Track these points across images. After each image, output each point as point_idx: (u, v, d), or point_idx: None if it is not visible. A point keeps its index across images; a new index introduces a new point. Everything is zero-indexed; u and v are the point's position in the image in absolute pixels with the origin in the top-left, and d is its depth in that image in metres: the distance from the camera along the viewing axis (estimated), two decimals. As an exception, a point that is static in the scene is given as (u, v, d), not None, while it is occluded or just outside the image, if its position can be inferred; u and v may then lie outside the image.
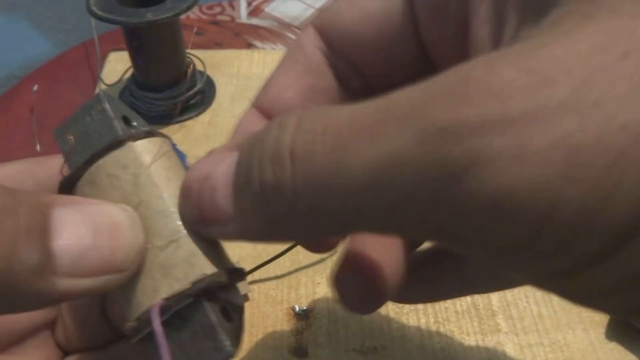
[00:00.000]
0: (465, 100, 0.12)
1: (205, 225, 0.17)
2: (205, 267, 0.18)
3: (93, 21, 0.50)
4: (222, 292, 0.19)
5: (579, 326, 0.36)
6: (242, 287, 0.37)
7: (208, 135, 0.48)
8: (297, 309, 0.36)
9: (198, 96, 0.51)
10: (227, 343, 0.18)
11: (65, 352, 0.23)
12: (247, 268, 0.34)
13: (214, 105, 0.51)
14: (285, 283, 0.37)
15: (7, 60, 0.69)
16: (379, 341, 0.35)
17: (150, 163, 0.19)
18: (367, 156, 0.12)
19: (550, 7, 0.13)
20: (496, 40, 0.15)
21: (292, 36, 0.63)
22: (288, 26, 0.65)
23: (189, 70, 0.50)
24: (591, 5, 0.12)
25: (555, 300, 0.38)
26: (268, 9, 0.68)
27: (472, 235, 0.12)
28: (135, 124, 0.20)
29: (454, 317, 0.36)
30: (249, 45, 0.61)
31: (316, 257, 0.39)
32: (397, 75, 0.21)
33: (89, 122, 0.19)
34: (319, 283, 0.38)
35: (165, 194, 0.18)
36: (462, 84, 0.12)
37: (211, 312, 0.18)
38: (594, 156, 0.11)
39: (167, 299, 0.17)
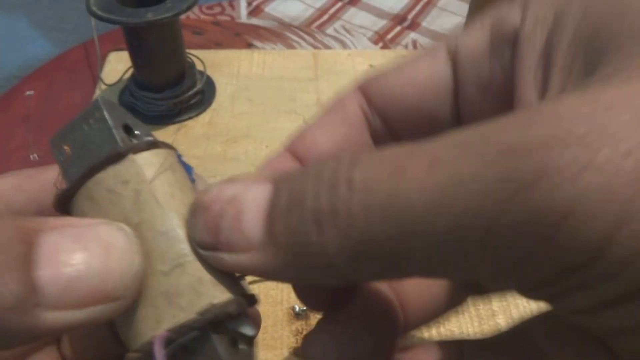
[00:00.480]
0: (531, 124, 0.12)
1: (217, 250, 0.16)
2: (214, 296, 0.16)
3: (93, 21, 0.50)
4: (232, 322, 0.17)
5: (579, 326, 0.36)
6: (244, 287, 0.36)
7: (208, 135, 0.48)
8: (297, 309, 0.36)
9: (198, 96, 0.51)
10: None
11: None
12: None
13: (214, 105, 0.51)
14: (285, 283, 0.37)
15: (7, 60, 0.69)
16: (379, 341, 0.35)
17: (152, 177, 0.17)
18: (427, 180, 0.12)
19: (598, 65, 0.13)
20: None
21: (292, 36, 0.63)
22: (288, 26, 0.65)
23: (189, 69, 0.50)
24: None
25: (556, 300, 0.38)
26: (268, 9, 0.68)
27: (530, 253, 0.12)
28: (137, 132, 0.18)
29: (454, 317, 0.36)
30: (249, 45, 0.61)
31: (316, 257, 0.39)
32: (428, 135, 0.21)
33: (86, 132, 0.18)
34: (319, 283, 0.38)
35: (170, 212, 0.17)
36: (526, 113, 0.12)
37: (219, 345, 0.17)
38: None
39: (171, 331, 0.16)
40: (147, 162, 0.17)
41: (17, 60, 0.68)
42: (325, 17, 0.68)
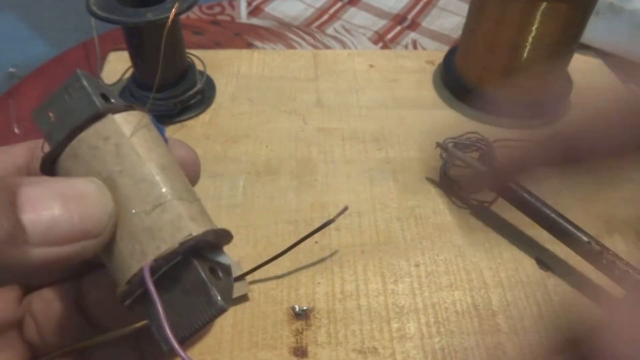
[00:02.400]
0: None
1: None
2: (192, 228, 0.19)
3: (93, 21, 0.50)
4: (210, 254, 0.20)
5: (579, 326, 0.36)
6: (242, 287, 0.37)
7: (208, 135, 0.48)
8: (297, 309, 0.36)
9: (198, 96, 0.51)
10: (218, 297, 0.18)
11: (36, 352, 0.23)
12: (247, 268, 0.34)
13: (214, 105, 0.51)
14: (285, 283, 0.37)
15: (7, 60, 0.69)
16: (379, 341, 0.35)
17: (131, 134, 0.19)
18: None
19: None
20: None
21: (292, 36, 0.63)
22: (288, 26, 0.65)
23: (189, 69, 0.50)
24: None
25: (556, 300, 0.38)
26: (268, 8, 0.68)
27: None
28: (113, 101, 0.20)
29: (454, 317, 0.36)
30: (249, 45, 0.61)
31: (316, 257, 0.39)
32: None
33: (67, 100, 0.20)
34: (319, 283, 0.38)
35: (148, 162, 0.19)
36: None
37: (201, 269, 0.19)
38: None
39: (156, 259, 0.18)
40: (124, 120, 0.20)
41: (17, 60, 0.68)
42: (325, 17, 0.68)
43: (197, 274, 0.19)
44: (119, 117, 0.19)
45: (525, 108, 0.52)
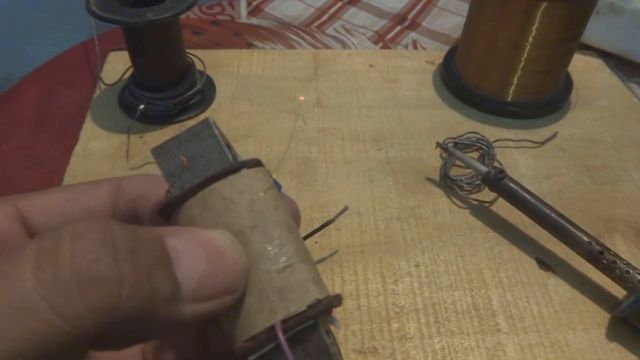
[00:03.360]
0: None
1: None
2: (319, 292, 0.19)
3: (93, 21, 0.50)
4: (327, 317, 0.20)
5: (579, 326, 0.36)
6: None
7: (208, 135, 0.48)
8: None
9: (198, 96, 0.51)
10: (339, 358, 0.19)
11: None
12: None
13: (214, 105, 0.51)
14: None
15: (7, 60, 0.69)
16: (379, 341, 0.35)
17: (264, 190, 0.20)
18: None
19: None
20: None
21: (292, 36, 0.63)
22: (288, 26, 0.65)
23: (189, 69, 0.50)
24: None
25: (556, 300, 0.38)
26: (268, 8, 0.68)
27: None
28: (233, 151, 0.21)
29: (454, 317, 0.36)
30: (249, 45, 0.61)
31: (316, 257, 0.39)
32: None
33: (196, 147, 0.20)
34: (319, 283, 0.38)
35: (279, 221, 0.19)
36: None
37: (325, 334, 0.19)
38: None
39: (284, 320, 0.18)
40: (257, 176, 0.20)
41: (17, 60, 0.68)
42: (325, 17, 0.68)
43: (321, 339, 0.19)
44: (251, 173, 0.20)
45: (525, 108, 0.52)
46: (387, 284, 0.38)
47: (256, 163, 0.20)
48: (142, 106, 0.47)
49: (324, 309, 0.19)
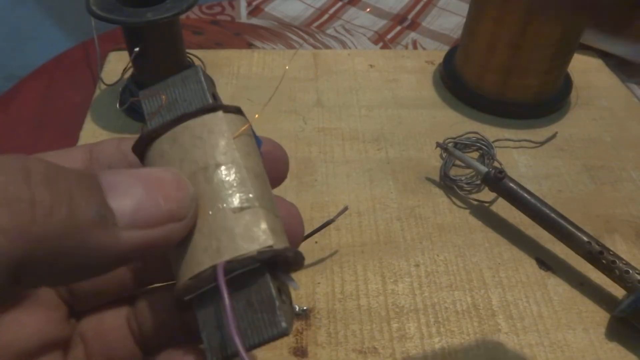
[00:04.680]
0: None
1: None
2: (273, 241, 0.18)
3: (93, 21, 0.50)
4: (281, 272, 0.19)
5: (579, 326, 0.36)
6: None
7: (208, 135, 0.48)
8: (297, 309, 0.36)
9: (198, 96, 0.51)
10: (283, 319, 0.17)
11: None
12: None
13: (214, 105, 0.51)
14: (285, 283, 0.37)
15: (7, 60, 0.69)
16: (379, 341, 0.35)
17: (236, 135, 0.19)
18: None
19: None
20: None
21: (292, 36, 0.63)
22: (288, 26, 0.65)
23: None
24: None
25: (556, 300, 0.38)
26: (268, 8, 0.68)
27: None
28: (219, 101, 0.21)
29: (454, 317, 0.36)
30: (249, 45, 0.61)
31: (316, 257, 0.39)
32: None
33: (181, 90, 0.20)
34: (318, 283, 0.38)
35: (245, 165, 0.19)
36: None
37: (272, 285, 0.18)
38: None
39: (231, 261, 0.17)
40: (231, 121, 0.20)
41: (17, 60, 0.68)
42: (325, 17, 0.68)
43: (268, 288, 0.18)
44: (227, 117, 0.20)
45: (525, 108, 0.52)
46: (387, 284, 0.38)
47: (236, 110, 0.20)
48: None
49: (276, 259, 0.18)
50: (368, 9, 0.63)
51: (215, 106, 0.20)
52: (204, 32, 0.63)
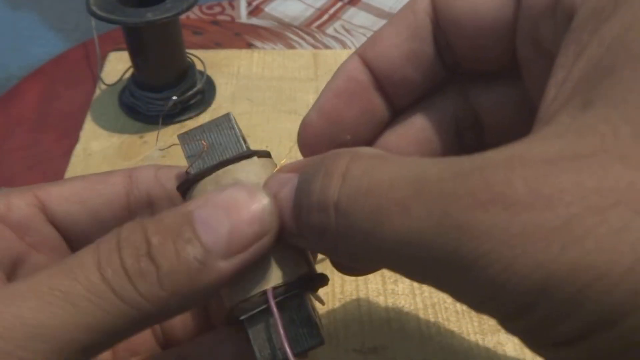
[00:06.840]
0: (481, 208, 0.14)
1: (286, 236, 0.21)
2: (309, 267, 0.22)
3: (93, 21, 0.50)
4: (310, 291, 0.23)
5: (579, 326, 0.36)
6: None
7: (208, 135, 0.48)
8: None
9: (198, 96, 0.51)
10: (320, 331, 0.22)
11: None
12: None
13: (214, 105, 0.51)
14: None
15: (7, 60, 0.69)
16: (379, 341, 0.35)
17: (269, 176, 0.22)
18: (398, 227, 0.15)
19: (589, 106, 0.14)
20: (555, 102, 0.16)
21: (292, 36, 0.63)
22: (288, 26, 0.65)
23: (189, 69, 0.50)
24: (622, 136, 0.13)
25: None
26: (268, 8, 0.68)
27: (478, 303, 0.15)
28: (247, 143, 0.24)
29: (454, 317, 0.36)
30: (249, 45, 0.61)
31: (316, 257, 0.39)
32: (485, 64, 0.22)
33: (216, 135, 0.24)
34: (319, 283, 0.38)
35: None
36: (482, 190, 0.14)
37: (310, 304, 0.22)
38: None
39: (278, 287, 0.21)
40: (265, 164, 0.23)
41: (17, 60, 0.68)
42: (325, 17, 0.68)
43: (306, 307, 0.22)
44: (261, 161, 0.23)
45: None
46: (387, 284, 0.38)
47: (266, 154, 0.23)
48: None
49: (311, 284, 0.22)
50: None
51: (252, 153, 0.22)
52: (204, 32, 0.63)
